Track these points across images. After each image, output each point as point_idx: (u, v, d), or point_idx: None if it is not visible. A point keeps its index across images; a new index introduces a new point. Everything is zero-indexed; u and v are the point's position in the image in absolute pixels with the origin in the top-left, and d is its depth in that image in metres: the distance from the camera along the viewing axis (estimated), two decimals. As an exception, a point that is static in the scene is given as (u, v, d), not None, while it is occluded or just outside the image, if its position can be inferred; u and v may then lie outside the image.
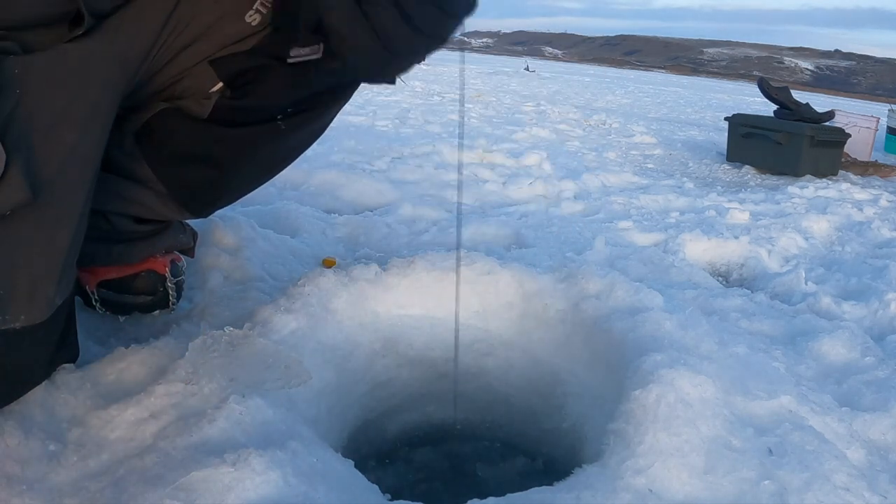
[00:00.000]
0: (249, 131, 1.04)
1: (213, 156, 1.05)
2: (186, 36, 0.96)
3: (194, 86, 1.01)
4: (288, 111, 1.04)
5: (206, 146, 1.04)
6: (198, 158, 1.05)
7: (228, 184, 1.11)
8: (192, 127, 1.02)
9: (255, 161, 1.10)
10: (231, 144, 1.05)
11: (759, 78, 4.81)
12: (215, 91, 1.02)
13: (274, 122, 1.04)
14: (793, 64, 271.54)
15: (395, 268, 1.24)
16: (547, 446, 1.25)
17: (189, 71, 0.99)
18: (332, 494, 0.74)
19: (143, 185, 1.06)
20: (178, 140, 1.04)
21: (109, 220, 1.08)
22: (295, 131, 1.08)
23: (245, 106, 1.02)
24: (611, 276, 1.26)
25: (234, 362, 0.93)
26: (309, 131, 1.12)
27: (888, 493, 0.86)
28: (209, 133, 1.03)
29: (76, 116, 0.82)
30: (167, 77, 0.99)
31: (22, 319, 0.79)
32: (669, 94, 15.01)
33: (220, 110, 1.02)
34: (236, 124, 1.03)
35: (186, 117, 1.02)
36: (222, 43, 0.99)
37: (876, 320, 1.63)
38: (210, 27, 0.97)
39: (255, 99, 1.02)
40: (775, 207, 2.91)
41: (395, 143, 3.54)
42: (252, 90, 1.02)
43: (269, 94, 1.03)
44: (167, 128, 1.03)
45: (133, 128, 1.03)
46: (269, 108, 1.03)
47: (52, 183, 0.78)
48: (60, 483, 0.75)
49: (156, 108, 1.03)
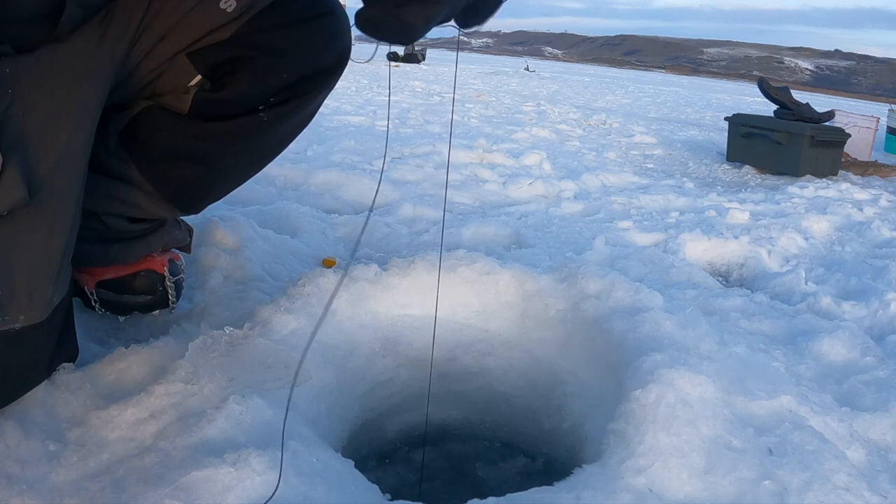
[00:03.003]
0: (231, 124, 1.02)
1: (196, 152, 1.04)
2: (162, 27, 0.95)
3: (173, 80, 1.00)
4: (270, 101, 1.02)
5: (189, 142, 1.03)
6: (182, 155, 1.04)
7: (216, 179, 1.10)
8: (174, 124, 1.02)
9: (241, 154, 1.08)
10: (214, 139, 1.03)
11: (759, 78, 4.81)
12: (193, 84, 1.01)
13: (256, 113, 1.02)
14: (793, 64, 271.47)
15: (395, 268, 1.24)
16: (547, 446, 1.25)
17: (167, 65, 0.99)
18: (331, 494, 0.74)
19: (132, 185, 1.05)
20: (162, 138, 1.03)
21: (103, 221, 1.08)
22: (279, 122, 1.05)
23: (224, 98, 1.01)
24: (611, 276, 1.26)
25: (234, 362, 0.93)
26: (294, 121, 1.09)
27: (888, 493, 0.86)
28: (191, 129, 1.02)
29: (69, 115, 0.82)
30: (146, 71, 0.98)
31: (21, 320, 0.79)
32: (669, 94, 15.01)
33: (200, 104, 1.01)
34: (217, 118, 1.01)
35: (168, 114, 1.01)
36: (198, 33, 0.97)
37: (876, 320, 1.62)
38: (185, 15, 0.96)
39: (234, 90, 1.00)
40: (775, 207, 2.91)
41: (395, 143, 3.54)
42: (230, 81, 1.00)
43: (249, 84, 1.01)
44: (150, 126, 1.02)
45: (117, 128, 1.02)
46: (250, 99, 1.01)
47: (47, 182, 0.78)
48: (60, 483, 0.75)
49: (139, 106, 1.02)
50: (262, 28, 0.99)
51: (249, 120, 1.02)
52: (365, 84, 7.66)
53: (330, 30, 1.05)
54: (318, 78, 1.06)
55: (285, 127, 1.08)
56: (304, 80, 1.04)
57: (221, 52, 0.99)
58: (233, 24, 0.98)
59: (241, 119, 1.02)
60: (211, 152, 1.04)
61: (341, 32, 1.07)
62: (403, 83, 8.42)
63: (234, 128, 1.02)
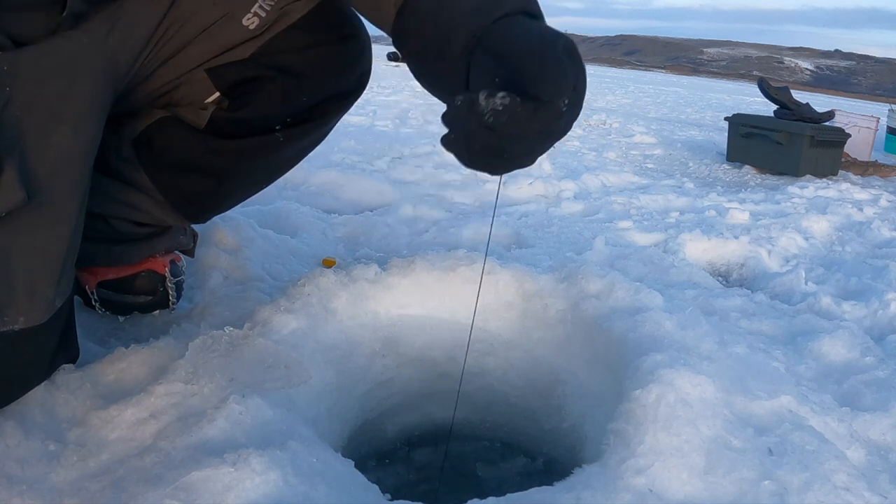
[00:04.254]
0: (247, 143, 1.02)
1: (210, 166, 1.04)
2: (181, 37, 0.94)
3: (191, 94, 1.00)
4: (287, 121, 1.02)
5: (204, 157, 1.03)
6: (195, 168, 1.05)
7: (226, 193, 1.11)
8: (189, 137, 1.02)
9: (253, 171, 1.09)
10: (228, 155, 1.03)
11: (759, 78, 4.81)
12: (212, 101, 1.01)
13: (272, 133, 1.02)
14: (793, 64, 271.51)
15: (395, 268, 1.24)
16: (547, 446, 1.25)
17: (185, 77, 0.98)
18: (332, 494, 0.74)
19: (140, 190, 1.06)
20: (176, 150, 1.03)
21: (109, 223, 1.08)
22: (294, 141, 1.06)
23: (242, 118, 1.01)
24: (611, 276, 1.26)
25: (234, 362, 0.93)
26: (308, 140, 1.11)
27: (888, 493, 0.86)
28: (206, 144, 1.02)
29: (69, 114, 0.80)
30: (162, 81, 0.98)
31: (21, 321, 0.78)
32: (669, 94, 15.00)
33: (218, 122, 1.01)
34: (234, 135, 1.02)
35: (184, 127, 1.02)
36: (219, 47, 0.97)
37: (876, 320, 1.62)
38: (206, 29, 0.95)
39: (253, 111, 1.01)
40: (775, 207, 2.91)
41: (395, 143, 3.54)
42: (250, 101, 1.00)
43: (267, 105, 1.01)
44: (165, 137, 1.02)
45: (131, 135, 1.02)
46: (268, 120, 1.02)
47: (47, 183, 0.78)
48: (60, 483, 0.75)
49: (154, 116, 1.02)
50: (284, 49, 0.98)
51: (265, 139, 1.02)
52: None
53: (352, 54, 1.05)
54: (337, 100, 1.07)
55: (299, 146, 1.10)
56: (323, 102, 1.04)
57: (241, 71, 0.99)
58: (254, 41, 0.97)
59: (257, 138, 1.02)
60: (224, 167, 1.05)
61: (363, 56, 1.07)
62: (403, 83, 8.41)
63: (249, 146, 1.03)
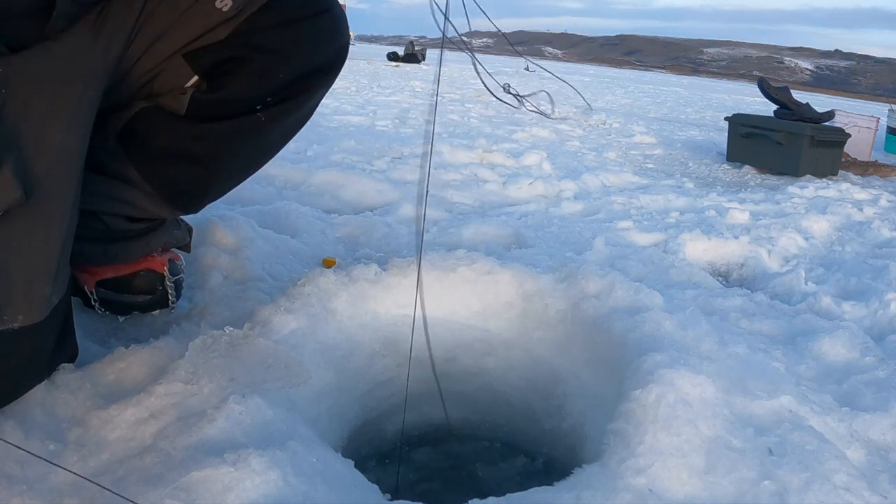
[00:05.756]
0: (229, 125, 1.02)
1: (194, 152, 1.04)
2: (158, 26, 0.95)
3: (170, 81, 1.00)
4: (268, 101, 1.02)
5: (187, 143, 1.03)
6: (180, 156, 1.04)
7: (214, 179, 1.10)
8: (171, 125, 1.01)
9: (239, 154, 1.08)
10: (212, 140, 1.03)
11: (759, 78, 4.81)
12: (190, 85, 1.01)
13: (254, 113, 1.01)
14: (793, 64, 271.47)
15: (395, 268, 1.24)
16: (547, 446, 1.25)
17: (164, 64, 0.98)
18: (332, 494, 0.74)
19: (130, 184, 1.05)
20: (160, 139, 1.03)
21: (102, 220, 1.08)
22: (277, 121, 1.05)
23: (221, 99, 1.00)
24: (611, 276, 1.26)
25: (234, 362, 0.93)
26: (292, 120, 1.09)
27: (888, 493, 0.86)
28: (189, 130, 1.02)
29: (63, 113, 0.81)
30: (142, 71, 0.98)
31: (20, 319, 0.79)
32: (669, 94, 15.01)
33: (197, 105, 1.01)
34: (215, 118, 1.01)
35: (166, 115, 1.01)
36: (194, 32, 0.97)
37: (876, 320, 1.62)
38: (181, 15, 0.96)
39: (231, 91, 1.00)
40: (775, 207, 2.91)
41: (395, 143, 3.54)
42: (227, 81, 1.00)
43: (246, 84, 1.00)
44: (148, 127, 1.02)
45: (116, 128, 1.02)
46: (248, 100, 1.01)
47: (43, 181, 0.78)
48: (60, 483, 0.75)
49: (136, 107, 1.02)
50: (259, 27, 0.98)
51: (247, 120, 1.02)
52: (365, 84, 7.66)
53: (327, 27, 1.05)
54: (316, 76, 1.06)
55: (283, 126, 1.08)
56: (301, 78, 1.03)
57: (218, 53, 0.99)
58: (229, 23, 0.98)
59: (239, 119, 1.01)
60: (209, 153, 1.04)
61: (339, 30, 1.07)
62: (403, 83, 8.42)
63: (231, 128, 1.02)
